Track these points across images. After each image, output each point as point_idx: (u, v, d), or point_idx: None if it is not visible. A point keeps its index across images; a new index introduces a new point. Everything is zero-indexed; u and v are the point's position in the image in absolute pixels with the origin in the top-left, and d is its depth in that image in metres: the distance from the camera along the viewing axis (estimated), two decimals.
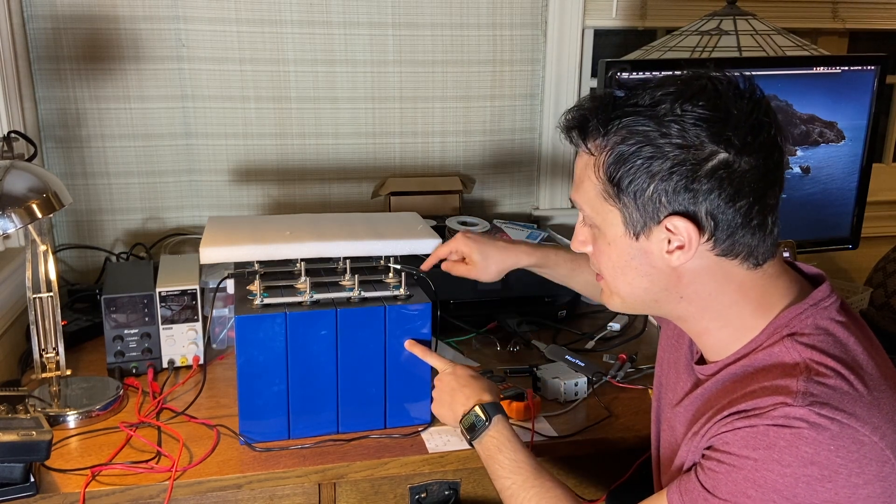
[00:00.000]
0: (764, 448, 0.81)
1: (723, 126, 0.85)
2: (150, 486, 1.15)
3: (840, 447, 0.79)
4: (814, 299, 0.91)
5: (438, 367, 1.25)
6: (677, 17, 2.01)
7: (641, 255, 0.91)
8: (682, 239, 0.88)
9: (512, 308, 1.64)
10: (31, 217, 1.19)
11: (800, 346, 0.87)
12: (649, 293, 0.94)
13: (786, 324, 0.90)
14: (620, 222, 0.91)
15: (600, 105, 0.91)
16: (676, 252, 0.89)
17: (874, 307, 1.84)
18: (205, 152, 1.83)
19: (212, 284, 1.50)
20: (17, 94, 1.60)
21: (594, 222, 0.94)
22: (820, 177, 1.79)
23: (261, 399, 1.23)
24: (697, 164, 0.85)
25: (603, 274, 0.98)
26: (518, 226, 1.85)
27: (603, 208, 0.92)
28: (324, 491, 1.24)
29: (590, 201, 0.93)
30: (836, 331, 0.89)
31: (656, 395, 1.14)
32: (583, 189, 0.94)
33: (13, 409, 1.26)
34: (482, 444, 1.11)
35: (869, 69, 1.75)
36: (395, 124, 1.92)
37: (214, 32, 1.76)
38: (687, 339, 1.04)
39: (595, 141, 0.91)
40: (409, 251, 1.35)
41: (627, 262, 0.93)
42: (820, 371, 0.84)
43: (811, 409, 0.80)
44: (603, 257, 0.95)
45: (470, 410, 1.14)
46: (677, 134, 0.85)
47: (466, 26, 1.89)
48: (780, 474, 0.80)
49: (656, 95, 0.87)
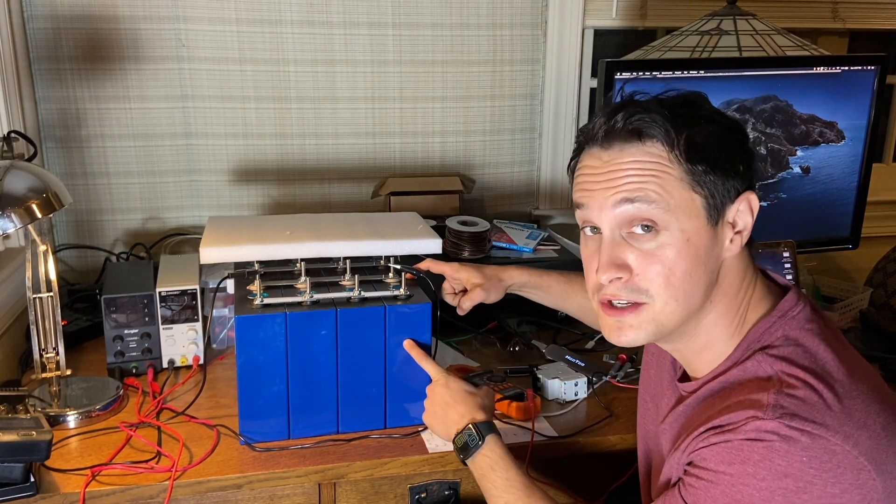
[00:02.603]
0: (739, 463, 0.81)
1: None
2: (150, 486, 1.15)
3: (813, 458, 0.79)
4: (781, 310, 0.92)
5: (433, 375, 1.23)
6: (677, 17, 2.01)
7: (712, 247, 0.89)
8: (748, 220, 0.90)
9: (512, 308, 1.64)
10: (31, 217, 1.19)
11: (770, 358, 0.88)
12: (707, 294, 0.91)
13: (757, 338, 0.91)
14: (703, 209, 0.88)
15: (649, 104, 0.91)
16: (736, 238, 0.91)
17: (874, 307, 1.84)
18: (205, 152, 1.83)
19: (212, 284, 1.50)
20: (17, 94, 1.60)
21: (666, 221, 0.88)
22: (820, 177, 1.79)
23: (261, 399, 1.23)
24: (746, 139, 0.92)
25: (658, 290, 0.89)
26: (518, 226, 1.85)
27: (686, 197, 0.88)
28: (324, 491, 1.24)
29: (669, 192, 0.87)
30: (805, 340, 0.89)
31: (641, 412, 1.14)
32: (659, 183, 0.87)
33: (13, 409, 1.26)
34: (475, 462, 1.11)
35: (869, 69, 1.75)
36: (395, 124, 1.92)
37: (214, 32, 1.76)
38: (669, 356, 1.04)
39: (664, 132, 0.88)
40: (409, 251, 1.35)
41: (700, 259, 0.88)
42: (790, 383, 0.84)
43: (781, 422, 0.80)
44: (679, 260, 0.88)
45: (463, 429, 1.13)
46: (721, 117, 0.91)
47: (466, 26, 1.89)
48: (755, 488, 0.80)
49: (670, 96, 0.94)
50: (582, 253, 0.97)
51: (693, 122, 0.89)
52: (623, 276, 0.90)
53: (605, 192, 0.90)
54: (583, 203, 0.93)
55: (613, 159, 0.90)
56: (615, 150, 0.90)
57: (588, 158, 0.94)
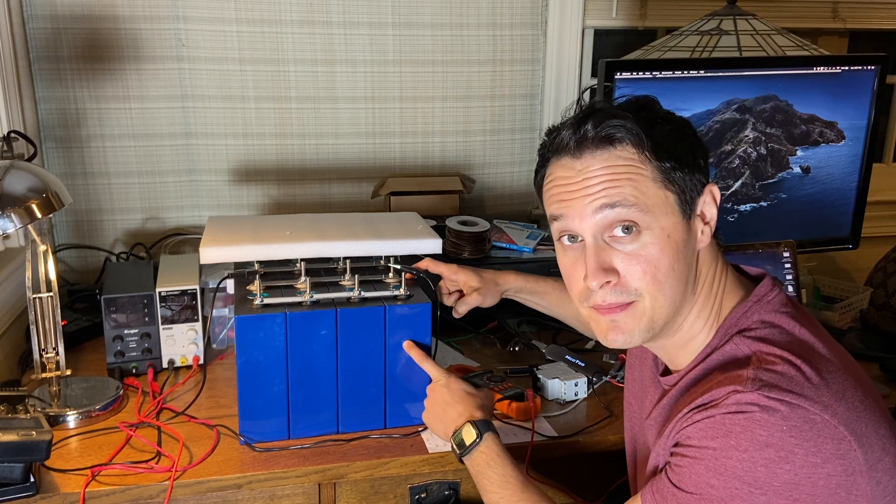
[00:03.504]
0: (721, 436, 0.83)
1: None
2: (150, 486, 1.15)
3: (793, 427, 0.81)
4: (756, 296, 0.95)
5: (433, 375, 1.24)
6: (677, 17, 2.01)
7: (689, 239, 0.93)
8: (713, 211, 0.94)
9: (512, 308, 1.64)
10: (31, 217, 1.19)
11: (748, 340, 0.90)
12: (689, 286, 0.94)
13: (734, 323, 0.94)
14: (676, 205, 0.92)
15: (613, 111, 0.93)
16: (705, 229, 0.95)
17: (874, 307, 1.84)
18: (205, 152, 1.83)
19: (212, 284, 1.50)
20: (17, 94, 1.60)
21: (646, 221, 0.90)
22: (820, 177, 1.79)
23: (261, 399, 1.23)
24: (698, 135, 0.96)
25: (645, 286, 0.91)
26: (518, 226, 1.85)
27: (660, 196, 0.90)
28: (324, 491, 1.24)
29: (644, 193, 0.90)
30: (781, 322, 0.92)
31: (627, 415, 1.15)
32: (634, 185, 0.90)
33: (13, 409, 1.26)
34: (472, 459, 1.12)
35: (869, 69, 1.75)
36: (395, 124, 1.92)
37: (214, 32, 1.76)
38: (651, 355, 1.07)
39: (630, 137, 0.90)
40: (409, 251, 1.35)
41: (680, 252, 0.92)
42: (768, 360, 0.86)
43: (760, 393, 0.82)
44: (662, 257, 0.90)
45: (461, 427, 1.14)
46: (670, 115, 0.95)
47: (466, 26, 1.89)
48: (738, 459, 0.81)
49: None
50: (561, 263, 0.98)
51: (653, 123, 0.92)
52: (612, 280, 0.91)
53: (584, 200, 0.91)
54: (560, 214, 0.94)
55: (587, 167, 0.91)
56: (587, 157, 0.92)
57: (559, 170, 0.95)
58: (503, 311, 1.63)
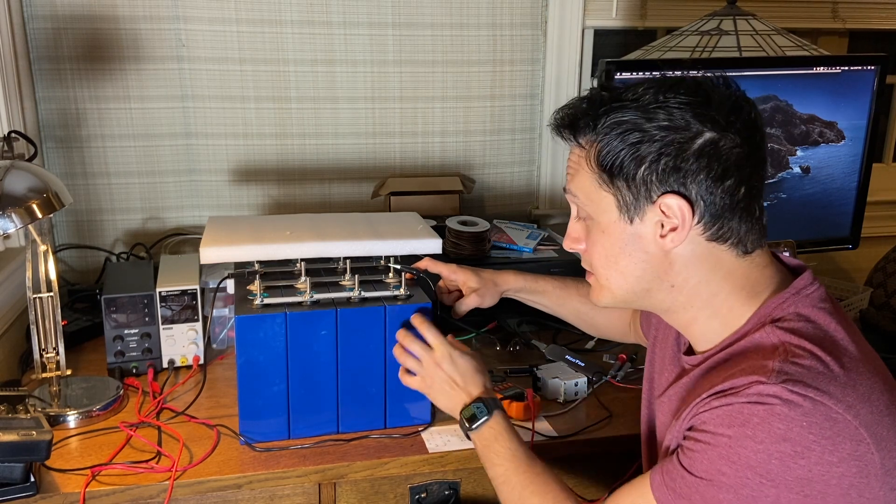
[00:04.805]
0: (738, 425, 0.82)
1: (706, 107, 0.89)
2: (150, 486, 1.15)
3: (812, 424, 0.80)
4: (795, 288, 0.93)
5: (434, 345, 1.20)
6: (677, 17, 2.01)
7: (635, 240, 0.94)
8: (676, 220, 0.90)
9: (512, 308, 1.64)
10: (31, 217, 1.19)
11: (779, 330, 0.89)
12: (641, 282, 0.96)
13: (769, 312, 0.92)
14: (615, 207, 0.94)
15: (589, 103, 0.95)
16: (670, 235, 0.92)
17: (874, 307, 1.85)
18: (205, 152, 1.83)
19: (212, 284, 1.50)
20: (17, 94, 1.60)
21: (588, 212, 0.97)
22: (820, 177, 1.79)
23: (261, 399, 1.23)
24: (685, 143, 0.89)
25: (595, 267, 0.99)
26: (518, 226, 1.85)
27: (597, 195, 0.95)
28: (324, 491, 1.24)
29: (584, 190, 0.96)
30: (817, 317, 0.91)
31: (646, 389, 1.15)
32: (577, 180, 0.97)
33: (13, 409, 1.26)
34: (480, 433, 1.12)
35: (869, 69, 1.75)
36: (395, 124, 1.92)
37: (214, 32, 1.76)
38: (674, 332, 1.07)
39: (586, 136, 0.95)
40: (409, 251, 1.35)
41: (622, 249, 0.95)
42: (796, 353, 0.85)
43: (784, 387, 0.81)
44: (597, 248, 0.97)
45: (472, 402, 1.15)
46: (664, 118, 0.89)
47: (466, 26, 1.89)
48: (753, 450, 0.81)
49: (639, 91, 0.92)
50: None
51: (617, 125, 0.92)
52: (579, 249, 1.02)
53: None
54: None
55: (570, 150, 1.00)
56: (573, 139, 0.98)
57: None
58: (503, 311, 1.63)
